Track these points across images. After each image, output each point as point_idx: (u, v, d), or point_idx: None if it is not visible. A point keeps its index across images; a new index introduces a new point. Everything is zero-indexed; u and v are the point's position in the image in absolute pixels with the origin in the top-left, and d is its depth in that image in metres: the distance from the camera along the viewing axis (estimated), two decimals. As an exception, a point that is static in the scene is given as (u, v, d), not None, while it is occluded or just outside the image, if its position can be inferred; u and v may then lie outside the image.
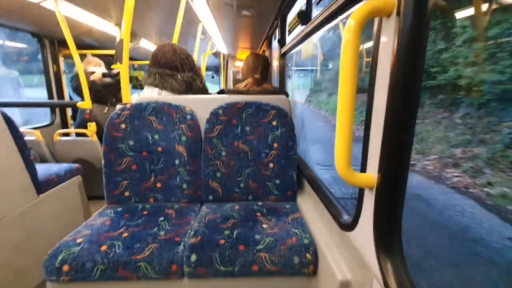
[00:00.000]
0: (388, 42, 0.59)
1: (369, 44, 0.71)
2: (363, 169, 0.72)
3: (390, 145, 0.61)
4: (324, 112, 9.63)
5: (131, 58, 4.74)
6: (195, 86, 1.58)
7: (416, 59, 0.56)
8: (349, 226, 0.82)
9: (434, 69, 3.41)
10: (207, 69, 7.07)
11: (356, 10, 0.58)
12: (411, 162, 0.63)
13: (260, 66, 1.78)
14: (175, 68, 1.54)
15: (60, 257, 0.96)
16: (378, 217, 0.66)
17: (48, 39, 2.92)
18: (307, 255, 1.01)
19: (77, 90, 2.52)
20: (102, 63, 2.89)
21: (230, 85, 6.05)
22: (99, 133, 2.32)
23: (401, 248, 0.64)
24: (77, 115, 2.70)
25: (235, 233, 1.08)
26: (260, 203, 1.37)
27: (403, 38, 0.55)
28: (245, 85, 1.75)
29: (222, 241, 1.03)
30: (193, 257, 0.98)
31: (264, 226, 1.14)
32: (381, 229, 0.66)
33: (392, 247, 0.64)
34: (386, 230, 0.65)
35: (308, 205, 1.31)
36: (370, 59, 0.69)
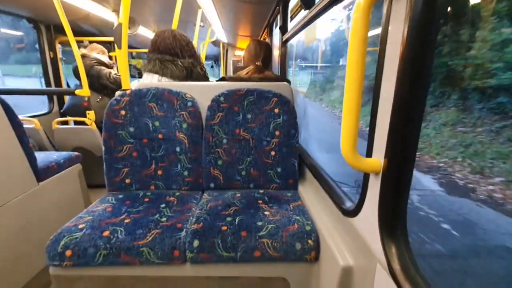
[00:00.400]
0: (398, 25, 0.57)
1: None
2: (368, 154, 0.71)
3: (397, 130, 0.60)
4: (339, 113, 8.34)
5: (129, 46, 4.65)
6: (196, 72, 1.55)
7: (426, 43, 0.54)
8: (352, 212, 0.82)
9: (494, 65, 2.61)
10: (207, 58, 6.97)
11: None
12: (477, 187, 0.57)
13: (262, 53, 1.75)
14: (175, 54, 1.50)
15: (62, 242, 0.95)
16: (384, 202, 0.65)
17: (44, 25, 2.85)
18: (309, 241, 1.01)
19: (76, 72, 2.50)
20: (106, 50, 2.85)
21: (230, 75, 5.98)
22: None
23: (406, 233, 0.64)
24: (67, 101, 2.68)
25: (237, 220, 1.08)
26: (261, 191, 1.37)
27: (414, 19, 0.53)
28: (247, 73, 1.72)
29: (224, 228, 1.03)
30: (196, 243, 0.98)
31: (266, 213, 1.14)
32: (386, 215, 0.65)
33: (397, 233, 0.63)
34: (392, 216, 0.64)
35: (310, 193, 1.31)
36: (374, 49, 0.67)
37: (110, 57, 2.82)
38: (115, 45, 1.59)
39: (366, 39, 0.59)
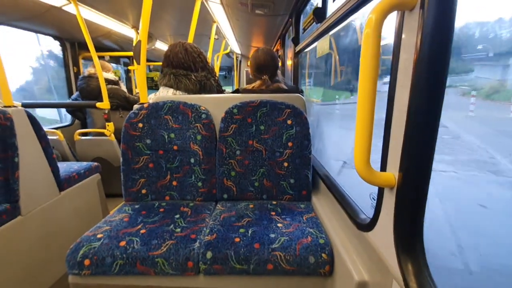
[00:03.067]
0: (410, 37, 0.57)
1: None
2: (383, 168, 0.70)
3: (412, 143, 0.59)
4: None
5: (147, 60, 4.84)
6: (209, 85, 1.59)
7: (440, 54, 0.54)
8: (367, 226, 0.80)
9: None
10: (221, 69, 7.12)
11: (377, 4, 0.57)
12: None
13: (266, 63, 1.64)
14: (188, 68, 1.55)
15: (81, 252, 0.99)
16: (399, 217, 0.64)
17: (69, 42, 3.03)
18: (323, 255, 0.99)
19: (83, 91, 2.58)
20: (111, 68, 2.89)
21: (243, 85, 6.06)
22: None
23: (423, 250, 0.62)
24: (86, 116, 2.75)
25: (250, 232, 1.08)
26: (274, 202, 1.36)
27: (426, 32, 0.53)
28: (252, 87, 1.68)
29: (237, 239, 1.03)
30: (209, 254, 0.99)
31: (279, 225, 1.13)
32: (402, 230, 0.63)
33: (414, 249, 0.62)
34: (408, 231, 0.63)
35: (323, 205, 1.29)
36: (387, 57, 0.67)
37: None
38: (134, 60, 1.66)
39: (378, 54, 0.59)
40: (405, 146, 0.60)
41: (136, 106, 1.44)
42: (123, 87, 2.87)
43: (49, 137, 1.58)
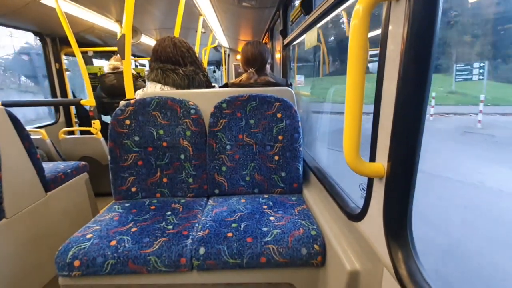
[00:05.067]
0: (397, 28, 0.57)
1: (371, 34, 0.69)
2: (372, 159, 0.71)
3: (400, 134, 0.60)
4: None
5: (133, 55, 4.73)
6: (198, 79, 1.56)
7: (426, 45, 0.54)
8: (357, 217, 0.82)
9: None
10: (209, 63, 7.03)
11: None
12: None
13: (254, 57, 1.64)
14: (176, 63, 1.52)
15: (71, 253, 0.97)
16: (388, 206, 0.65)
17: (50, 37, 2.92)
18: (315, 246, 1.01)
19: (105, 89, 2.52)
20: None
21: (232, 79, 6.01)
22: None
23: (412, 237, 0.63)
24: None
25: (242, 226, 1.08)
26: (266, 196, 1.37)
27: (413, 22, 0.53)
28: (239, 81, 1.67)
29: (229, 234, 1.04)
30: (202, 250, 0.99)
31: (271, 218, 1.14)
32: (391, 219, 0.65)
33: (402, 237, 0.63)
34: (397, 220, 0.64)
35: (314, 197, 1.31)
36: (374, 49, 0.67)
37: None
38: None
39: (366, 45, 0.59)
40: (393, 137, 0.61)
41: (122, 103, 1.41)
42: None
43: (32, 136, 1.53)
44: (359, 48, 0.59)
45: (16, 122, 1.39)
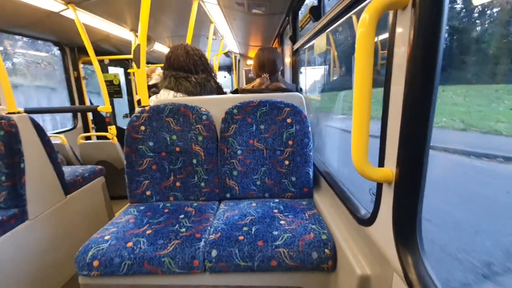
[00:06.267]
0: (403, 35, 0.59)
1: (384, 36, 0.70)
2: (380, 164, 0.72)
3: (408, 139, 0.61)
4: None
5: (146, 62, 4.85)
6: (209, 86, 1.61)
7: (433, 51, 0.55)
8: (367, 221, 0.82)
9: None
10: (220, 68, 7.13)
11: (370, 4, 0.58)
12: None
13: (268, 63, 1.68)
14: (188, 71, 1.57)
15: (90, 253, 1.01)
16: (398, 211, 0.66)
17: (69, 47, 3.06)
18: (326, 250, 1.01)
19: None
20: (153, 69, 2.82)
21: (242, 84, 6.06)
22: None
23: (422, 242, 0.64)
24: None
25: (253, 230, 1.10)
26: (276, 200, 1.38)
27: (419, 30, 0.54)
28: (252, 86, 1.70)
29: (241, 237, 1.06)
30: (214, 253, 1.01)
31: (282, 222, 1.16)
32: (401, 224, 0.65)
33: (412, 242, 0.63)
34: (406, 225, 0.64)
35: (325, 202, 1.31)
36: (385, 51, 0.68)
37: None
38: (134, 63, 1.68)
39: (372, 52, 0.61)
40: (401, 142, 0.62)
41: (137, 109, 1.46)
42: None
43: (52, 141, 1.60)
44: (365, 55, 0.60)
45: (38, 128, 1.47)
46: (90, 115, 3.29)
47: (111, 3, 2.13)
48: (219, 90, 1.68)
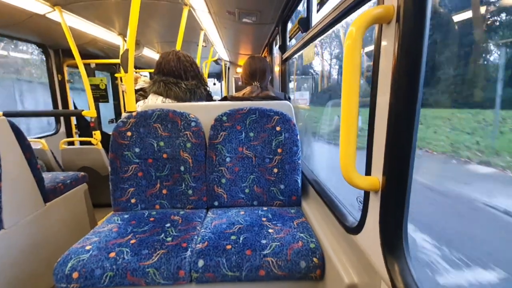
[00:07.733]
0: (388, 47, 0.61)
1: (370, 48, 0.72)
2: (367, 173, 0.73)
3: (393, 148, 0.62)
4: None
5: (134, 67, 4.78)
6: (199, 93, 1.60)
7: (416, 62, 0.57)
8: (355, 230, 0.83)
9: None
10: (209, 76, 7.13)
11: (357, 18, 0.60)
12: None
13: (257, 72, 1.69)
14: (179, 76, 1.56)
15: (69, 264, 0.97)
16: (384, 220, 0.67)
17: (53, 49, 2.98)
18: (314, 259, 1.01)
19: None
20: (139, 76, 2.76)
21: (232, 92, 6.08)
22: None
23: (408, 250, 0.65)
24: None
25: (241, 238, 1.09)
26: (265, 208, 1.38)
27: (403, 43, 0.57)
28: (243, 94, 1.71)
29: (228, 246, 1.04)
30: (201, 263, 0.99)
31: (270, 231, 1.15)
32: (387, 232, 0.66)
33: (399, 250, 0.64)
34: (392, 233, 0.65)
35: (313, 210, 1.32)
36: (371, 63, 0.71)
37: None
38: (121, 68, 1.66)
39: (359, 64, 0.63)
40: (387, 151, 0.63)
41: (124, 114, 1.43)
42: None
43: (32, 146, 1.54)
44: (353, 66, 0.62)
45: (17, 132, 1.41)
46: (74, 120, 3.20)
47: (99, 6, 2.10)
48: (208, 97, 1.68)
